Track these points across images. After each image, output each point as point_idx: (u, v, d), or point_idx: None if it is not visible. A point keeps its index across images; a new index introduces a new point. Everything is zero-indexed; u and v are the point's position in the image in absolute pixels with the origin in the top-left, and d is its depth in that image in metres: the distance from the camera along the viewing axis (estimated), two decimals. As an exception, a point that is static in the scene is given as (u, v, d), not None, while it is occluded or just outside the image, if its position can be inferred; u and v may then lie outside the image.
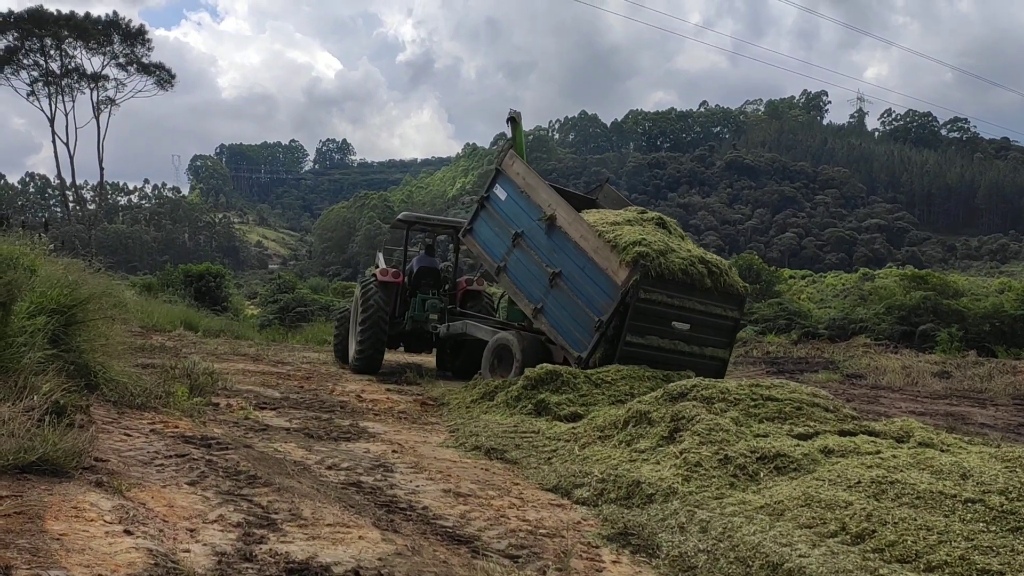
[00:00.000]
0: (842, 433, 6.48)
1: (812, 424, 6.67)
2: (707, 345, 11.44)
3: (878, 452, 5.80)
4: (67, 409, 5.42)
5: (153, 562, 3.43)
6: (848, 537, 4.48)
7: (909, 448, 5.96)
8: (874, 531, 4.46)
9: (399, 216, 15.93)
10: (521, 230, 12.20)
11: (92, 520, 3.85)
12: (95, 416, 6.20)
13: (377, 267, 15.73)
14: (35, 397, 5.28)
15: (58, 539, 3.52)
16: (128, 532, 3.77)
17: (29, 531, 3.55)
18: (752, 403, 6.99)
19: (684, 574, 4.44)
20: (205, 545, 3.86)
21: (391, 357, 17.16)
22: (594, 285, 10.86)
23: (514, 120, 14.49)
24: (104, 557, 3.40)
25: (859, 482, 5.11)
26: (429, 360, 17.30)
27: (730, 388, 7.31)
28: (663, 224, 11.92)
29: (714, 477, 5.72)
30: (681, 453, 6.11)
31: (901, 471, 5.23)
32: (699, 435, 6.30)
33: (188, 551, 3.74)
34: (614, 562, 4.61)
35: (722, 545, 4.61)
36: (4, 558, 3.15)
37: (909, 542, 4.29)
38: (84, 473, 4.58)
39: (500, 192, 12.85)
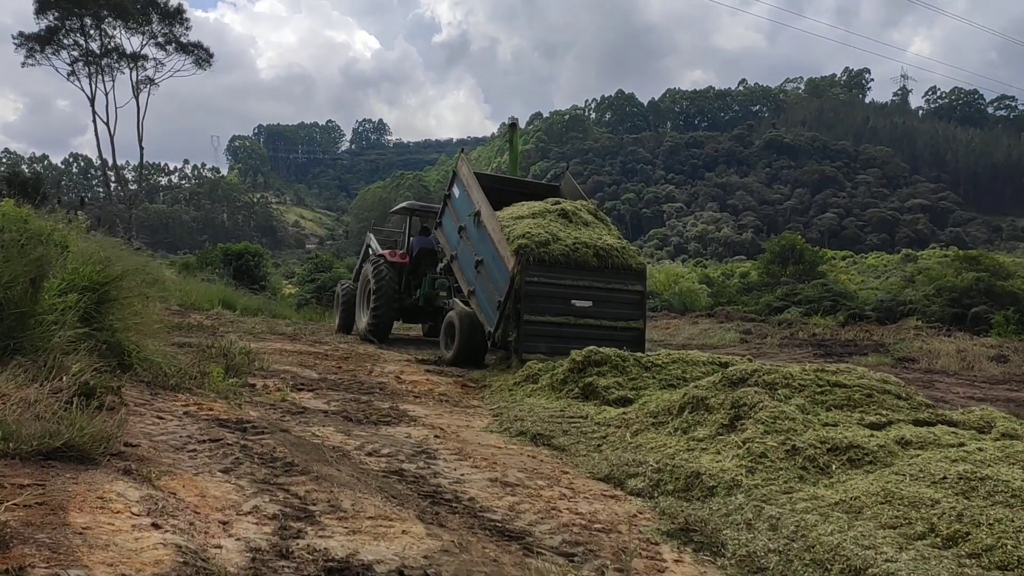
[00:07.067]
0: (918, 423, 6.02)
1: (884, 413, 6.20)
2: (618, 319, 12.44)
3: (961, 444, 5.35)
4: (97, 390, 5.17)
5: (182, 560, 3.14)
6: (939, 540, 4.05)
7: (993, 440, 5.50)
8: (968, 533, 4.03)
9: (404, 204, 18.29)
10: (464, 224, 13.82)
11: (118, 512, 3.58)
12: (127, 397, 5.96)
13: (370, 247, 18.69)
14: (64, 378, 5.04)
15: (80, 533, 3.24)
16: (156, 526, 3.49)
17: (51, 524, 3.29)
18: (818, 389, 6.52)
19: (754, 576, 4.06)
20: (238, 540, 3.57)
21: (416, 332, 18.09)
22: (499, 270, 12.27)
23: (514, 125, 17.57)
24: (129, 554, 3.12)
25: (944, 477, 4.67)
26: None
27: (794, 373, 6.84)
28: (565, 214, 13.21)
29: (781, 469, 5.30)
30: (744, 443, 5.69)
31: (990, 466, 4.79)
32: (763, 423, 5.87)
33: (220, 547, 3.44)
34: (676, 561, 4.25)
35: (795, 545, 4.22)
36: (21, 556, 2.89)
37: (1009, 546, 3.86)
38: (112, 459, 4.31)
39: (456, 190, 14.45)
